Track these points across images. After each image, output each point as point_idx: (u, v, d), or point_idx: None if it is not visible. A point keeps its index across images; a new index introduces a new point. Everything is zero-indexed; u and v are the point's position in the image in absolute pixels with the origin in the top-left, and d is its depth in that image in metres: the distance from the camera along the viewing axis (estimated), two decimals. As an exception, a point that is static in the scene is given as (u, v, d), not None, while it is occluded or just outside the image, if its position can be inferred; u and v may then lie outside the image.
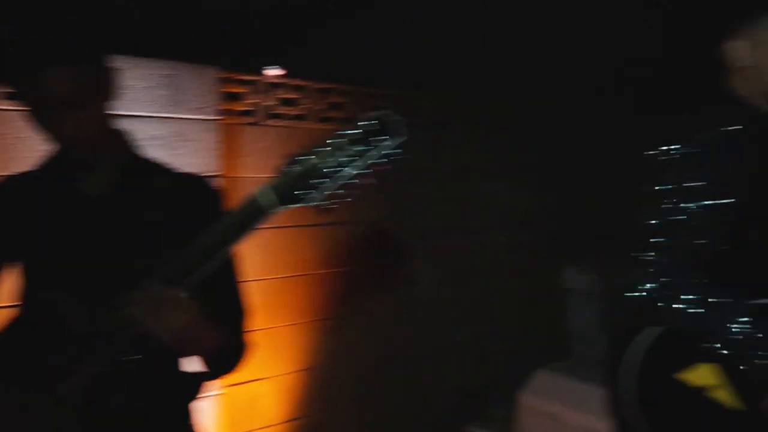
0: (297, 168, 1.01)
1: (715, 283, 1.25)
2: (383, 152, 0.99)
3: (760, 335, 1.19)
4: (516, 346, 3.34)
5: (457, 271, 3.29)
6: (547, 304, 3.40)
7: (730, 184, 1.28)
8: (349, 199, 1.02)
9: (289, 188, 1.02)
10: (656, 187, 1.31)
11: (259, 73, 2.63)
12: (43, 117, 1.13)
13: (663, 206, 1.30)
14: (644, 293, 1.28)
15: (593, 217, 3.29)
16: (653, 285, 1.26)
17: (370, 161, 0.98)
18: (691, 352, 1.28)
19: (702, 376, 1.28)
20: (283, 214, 1.07)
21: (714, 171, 1.28)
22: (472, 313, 3.34)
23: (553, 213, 3.42)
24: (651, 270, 1.27)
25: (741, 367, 1.23)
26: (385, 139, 0.98)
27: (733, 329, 1.20)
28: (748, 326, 1.20)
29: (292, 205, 1.03)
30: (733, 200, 1.27)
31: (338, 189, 1.01)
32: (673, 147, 1.31)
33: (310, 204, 1.02)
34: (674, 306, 1.24)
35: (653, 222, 1.30)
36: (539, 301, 3.44)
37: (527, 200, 3.38)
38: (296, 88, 2.72)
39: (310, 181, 1.01)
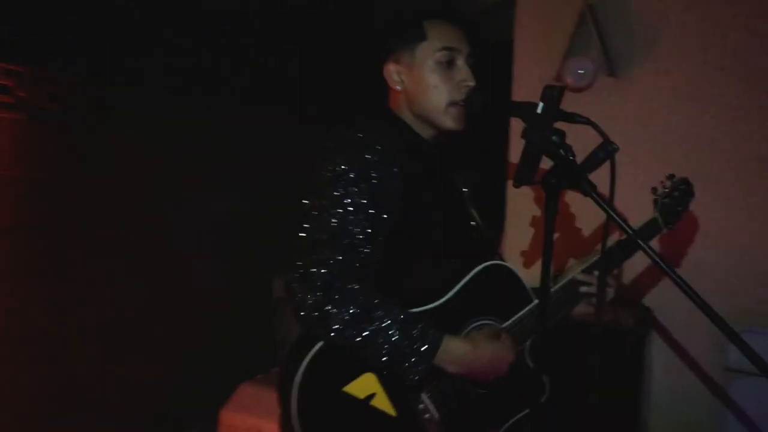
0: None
1: (371, 294, 1.26)
2: None
3: (406, 343, 1.24)
4: (223, 360, 3.20)
5: (154, 282, 3.02)
6: (258, 314, 3.33)
7: (386, 199, 1.30)
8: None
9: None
10: (322, 200, 1.28)
11: None
12: None
13: (325, 218, 1.27)
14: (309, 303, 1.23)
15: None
16: (316, 296, 1.22)
17: None
18: (352, 364, 1.28)
19: (364, 386, 1.29)
20: None
21: (372, 185, 1.29)
22: (174, 326, 3.09)
23: (262, 221, 3.37)
24: (314, 282, 1.23)
25: (392, 374, 1.28)
26: None
27: (387, 338, 1.23)
28: (397, 335, 1.24)
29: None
30: (387, 216, 1.30)
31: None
32: (338, 161, 1.30)
33: None
34: (334, 318, 1.22)
35: (315, 234, 1.27)
36: (248, 311, 3.35)
37: (233, 208, 3.28)
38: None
39: None
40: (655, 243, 2.16)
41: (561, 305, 1.43)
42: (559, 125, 1.15)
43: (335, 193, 1.27)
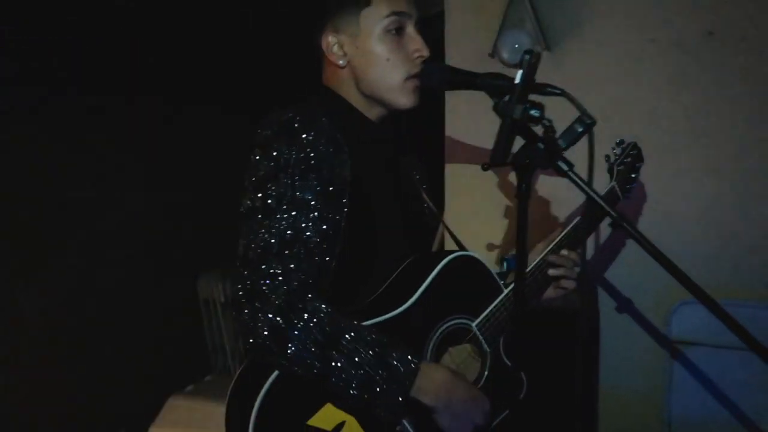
0: None
1: (336, 315, 1.09)
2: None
3: (381, 373, 1.08)
4: (149, 371, 2.92)
5: (71, 290, 2.71)
6: (181, 318, 3.08)
7: (338, 191, 1.13)
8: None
9: None
10: (266, 200, 1.08)
11: None
12: None
13: (273, 222, 1.08)
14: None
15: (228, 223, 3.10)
16: (270, 320, 1.03)
17: None
18: (315, 392, 1.10)
19: (331, 416, 1.11)
20: None
21: (322, 176, 1.10)
22: (91, 337, 2.78)
23: (185, 220, 3.11)
24: (267, 302, 1.03)
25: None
26: None
27: (360, 367, 1.06)
28: (370, 364, 1.07)
29: None
30: (341, 211, 1.13)
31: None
32: (281, 150, 1.10)
33: None
34: (295, 346, 1.04)
35: (261, 242, 1.07)
36: (172, 315, 3.09)
37: (152, 206, 3.00)
38: None
39: None
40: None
41: (532, 291, 1.33)
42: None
43: (281, 190, 1.07)
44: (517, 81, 0.95)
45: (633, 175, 1.53)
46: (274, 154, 1.09)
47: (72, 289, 2.71)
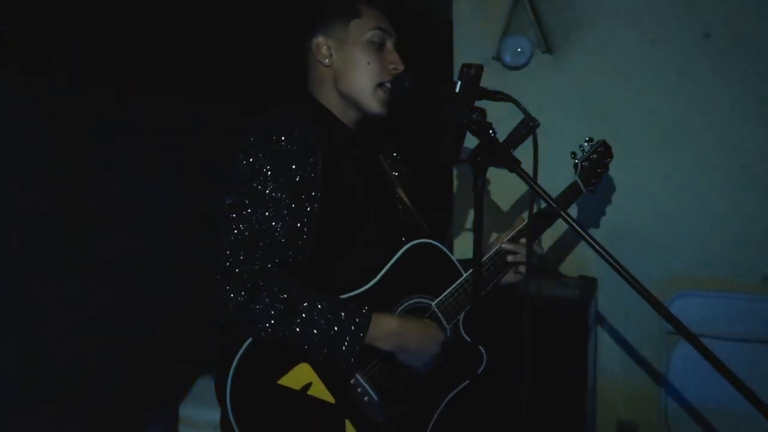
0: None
1: (294, 290, 1.25)
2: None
3: (336, 328, 1.24)
4: (180, 355, 3.16)
5: (113, 275, 2.96)
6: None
7: (307, 190, 1.28)
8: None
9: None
10: (242, 198, 1.25)
11: None
12: None
13: (245, 217, 1.24)
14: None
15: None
16: (240, 296, 1.20)
17: None
18: (284, 356, 1.27)
19: (299, 377, 1.28)
20: None
21: (291, 178, 1.26)
22: (128, 320, 3.03)
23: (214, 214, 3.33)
24: (237, 283, 1.20)
25: (327, 362, 1.27)
26: None
27: (317, 327, 1.23)
28: (325, 322, 1.23)
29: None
30: (310, 208, 1.29)
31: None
32: (256, 155, 1.26)
33: None
34: (261, 318, 1.21)
35: (235, 233, 1.23)
36: (203, 302, 3.31)
37: (188, 201, 3.23)
38: None
39: None
40: (591, 210, 2.25)
41: (491, 275, 1.46)
42: (484, 104, 1.17)
43: (254, 191, 1.24)
44: (456, 90, 1.08)
45: (600, 170, 1.63)
46: (251, 159, 1.26)
47: (114, 275, 2.96)
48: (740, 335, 2.18)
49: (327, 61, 1.41)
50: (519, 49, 2.38)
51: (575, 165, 1.60)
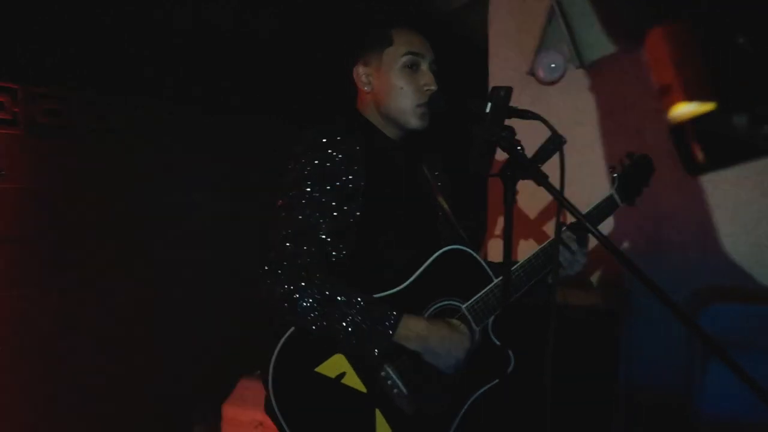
0: None
1: (334, 283, 1.36)
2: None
3: (368, 323, 1.35)
4: (223, 356, 3.30)
5: (159, 280, 3.13)
6: (253, 310, 3.42)
7: (350, 196, 1.41)
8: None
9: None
10: (290, 199, 1.37)
11: None
12: None
13: (293, 216, 1.37)
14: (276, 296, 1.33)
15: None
16: (284, 286, 1.32)
17: None
18: (322, 346, 1.38)
19: (334, 366, 1.39)
20: None
21: (335, 185, 1.39)
22: (172, 324, 3.19)
23: (256, 222, 3.47)
24: (282, 273, 1.32)
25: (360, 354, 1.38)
26: None
27: (351, 319, 1.34)
28: (359, 316, 1.34)
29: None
30: (351, 212, 1.41)
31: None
32: (305, 162, 1.40)
33: None
34: (301, 305, 1.33)
35: (284, 230, 1.36)
36: (246, 307, 3.45)
37: (232, 210, 3.39)
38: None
39: None
40: (625, 224, 2.29)
41: (521, 282, 1.53)
42: (514, 122, 1.25)
43: (302, 193, 1.37)
44: (487, 110, 1.17)
45: (641, 184, 1.68)
46: (301, 164, 1.39)
47: (160, 279, 3.13)
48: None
49: (366, 88, 1.53)
50: (553, 65, 2.44)
51: (613, 178, 1.66)
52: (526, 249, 2.21)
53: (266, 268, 1.34)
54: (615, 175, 1.66)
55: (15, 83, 2.53)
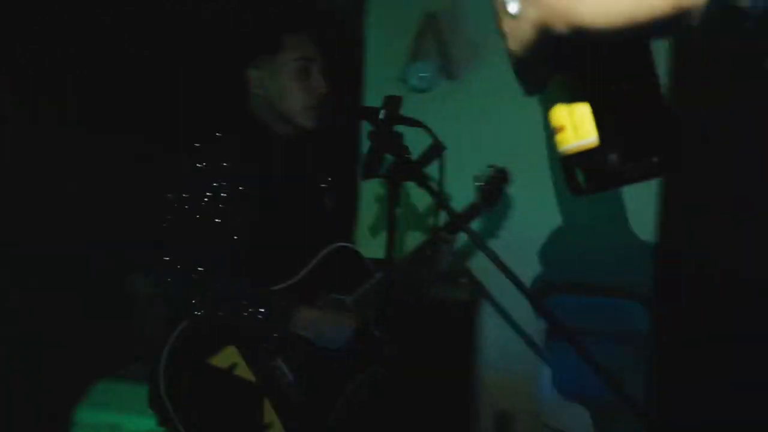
0: None
1: (227, 281, 1.42)
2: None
3: (263, 312, 1.41)
4: (76, 360, 3.08)
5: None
6: (109, 312, 3.25)
7: (240, 197, 1.47)
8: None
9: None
10: (179, 203, 1.41)
11: None
12: None
13: (183, 219, 1.41)
14: (168, 289, 1.36)
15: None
16: (178, 285, 1.36)
17: None
18: (214, 339, 1.43)
19: (226, 358, 1.43)
20: None
21: (223, 186, 1.45)
22: (20, 328, 2.93)
23: (116, 217, 3.29)
24: (177, 274, 1.36)
25: (251, 346, 1.45)
26: None
27: (247, 312, 1.40)
28: (253, 308, 1.40)
29: None
30: (240, 211, 1.47)
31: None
32: (191, 166, 1.43)
33: None
34: (197, 303, 1.37)
35: (175, 233, 1.41)
36: (100, 309, 3.26)
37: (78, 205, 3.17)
38: None
39: None
40: (490, 222, 2.54)
41: (399, 279, 1.66)
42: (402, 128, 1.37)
43: (189, 196, 1.42)
44: (380, 117, 1.28)
45: (498, 193, 1.90)
46: (187, 168, 1.46)
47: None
48: (600, 331, 2.55)
49: (261, 91, 1.58)
50: (423, 75, 2.62)
51: (477, 187, 1.85)
52: (406, 246, 2.35)
53: (159, 269, 1.36)
54: (478, 184, 1.87)
55: None
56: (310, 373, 1.53)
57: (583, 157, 0.55)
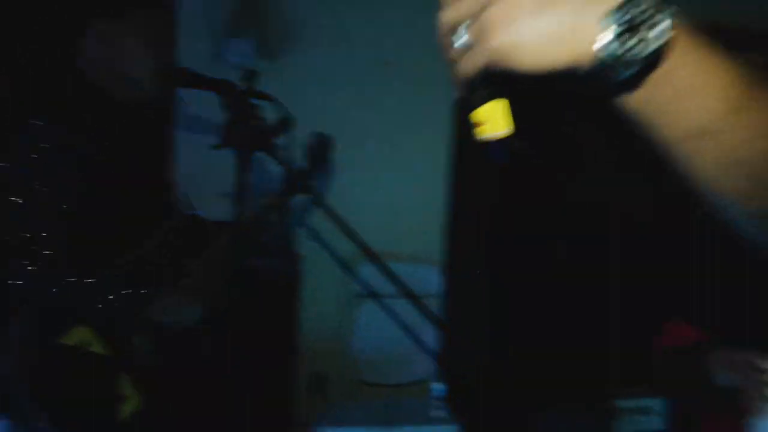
0: None
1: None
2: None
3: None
4: None
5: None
6: None
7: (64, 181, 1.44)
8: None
9: None
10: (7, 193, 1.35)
11: None
12: None
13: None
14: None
15: None
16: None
17: None
18: (63, 321, 1.38)
19: (78, 336, 1.41)
20: None
21: (50, 172, 1.41)
22: None
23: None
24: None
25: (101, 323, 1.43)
26: None
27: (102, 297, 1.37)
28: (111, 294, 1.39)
29: None
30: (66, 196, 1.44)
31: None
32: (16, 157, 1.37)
33: None
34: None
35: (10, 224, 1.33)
36: None
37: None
38: None
39: None
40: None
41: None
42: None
43: (17, 187, 1.38)
44: (241, 89, 1.36)
45: (323, 159, 2.05)
46: (11, 160, 1.40)
47: None
48: (402, 294, 2.88)
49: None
50: (241, 52, 2.64)
51: (303, 154, 1.97)
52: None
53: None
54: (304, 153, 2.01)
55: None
56: (167, 346, 1.54)
57: (497, 143, 0.66)
